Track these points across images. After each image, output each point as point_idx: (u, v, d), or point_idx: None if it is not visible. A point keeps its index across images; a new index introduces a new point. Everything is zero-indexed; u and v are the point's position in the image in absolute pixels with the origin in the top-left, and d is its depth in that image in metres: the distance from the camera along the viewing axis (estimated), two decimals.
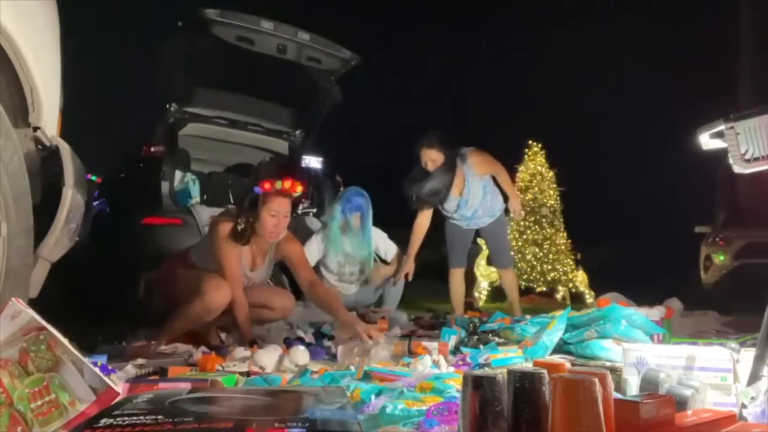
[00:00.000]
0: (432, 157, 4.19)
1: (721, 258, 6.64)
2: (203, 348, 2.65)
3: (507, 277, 4.58)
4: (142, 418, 1.06)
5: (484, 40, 18.54)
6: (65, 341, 1.27)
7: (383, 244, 4.51)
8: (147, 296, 3.16)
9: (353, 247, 4.29)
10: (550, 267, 8.26)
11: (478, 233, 4.58)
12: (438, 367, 2.20)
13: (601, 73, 14.25)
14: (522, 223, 8.67)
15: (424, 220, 4.40)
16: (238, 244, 2.93)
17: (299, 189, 3.05)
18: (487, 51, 18.13)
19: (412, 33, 19.17)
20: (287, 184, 2.94)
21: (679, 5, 12.98)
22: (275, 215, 2.93)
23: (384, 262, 4.58)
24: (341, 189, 5.36)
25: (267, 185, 2.92)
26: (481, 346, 2.64)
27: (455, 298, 4.48)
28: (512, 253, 4.69)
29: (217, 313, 2.87)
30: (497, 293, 8.18)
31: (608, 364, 2.22)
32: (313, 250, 4.30)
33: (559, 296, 8.22)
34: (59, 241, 1.77)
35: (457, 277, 4.51)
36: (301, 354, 2.37)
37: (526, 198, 8.88)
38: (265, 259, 3.13)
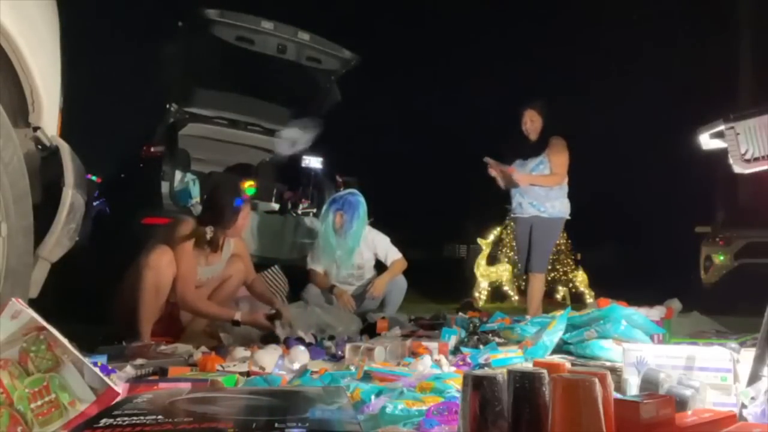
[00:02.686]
0: (532, 118, 4.41)
1: (721, 258, 6.65)
2: (203, 348, 2.65)
3: (534, 283, 4.49)
4: (142, 418, 1.06)
5: (485, 40, 18.54)
6: (65, 341, 1.27)
7: (383, 248, 4.40)
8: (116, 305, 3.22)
9: (339, 247, 4.23)
10: (550, 267, 8.25)
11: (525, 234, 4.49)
12: (439, 367, 2.20)
13: (600, 73, 14.26)
14: None
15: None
16: (209, 250, 3.22)
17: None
18: (487, 51, 18.14)
19: (413, 33, 19.18)
20: (254, 188, 3.23)
21: (680, 5, 12.99)
22: (244, 220, 3.34)
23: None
24: (341, 189, 5.36)
25: (246, 196, 3.33)
26: (481, 346, 2.64)
27: (532, 300, 4.48)
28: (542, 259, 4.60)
29: (167, 276, 3.03)
30: (497, 293, 8.20)
31: (608, 364, 2.22)
32: (318, 255, 4.30)
33: (559, 296, 8.22)
34: (59, 241, 1.77)
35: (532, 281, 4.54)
36: (301, 354, 2.37)
37: None
38: (221, 255, 3.34)
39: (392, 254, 4.41)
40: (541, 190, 4.38)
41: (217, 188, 3.43)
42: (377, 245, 4.39)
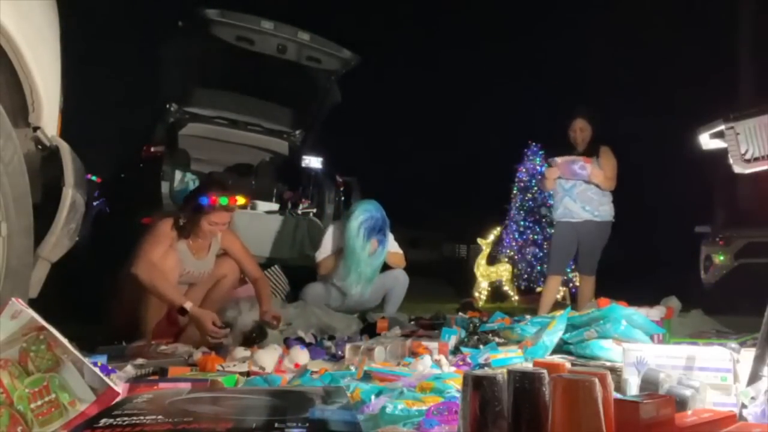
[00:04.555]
0: (581, 126, 4.47)
1: (721, 258, 6.63)
2: (203, 348, 2.66)
3: (585, 284, 4.67)
4: (142, 418, 1.06)
5: (485, 40, 18.55)
6: (65, 341, 1.27)
7: (389, 245, 4.45)
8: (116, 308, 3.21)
9: (365, 266, 4.17)
10: None
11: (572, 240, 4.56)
12: (439, 367, 2.20)
13: (600, 73, 14.26)
14: (522, 223, 8.66)
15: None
16: (180, 237, 3.13)
17: (242, 202, 3.32)
18: (487, 51, 18.14)
19: (414, 32, 19.18)
20: (231, 201, 3.14)
21: (679, 5, 12.98)
22: (214, 226, 3.14)
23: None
24: (341, 189, 5.36)
25: (213, 199, 3.09)
26: (481, 346, 2.64)
27: (544, 301, 4.60)
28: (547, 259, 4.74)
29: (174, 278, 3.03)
30: (497, 293, 8.19)
31: (608, 364, 2.22)
32: (327, 245, 4.28)
33: (559, 296, 8.22)
34: (59, 241, 1.77)
35: (551, 283, 4.68)
36: (301, 354, 2.37)
37: (526, 198, 8.88)
38: (209, 250, 3.28)
39: (394, 249, 4.43)
40: (595, 195, 4.45)
41: (204, 183, 3.39)
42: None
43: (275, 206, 5.24)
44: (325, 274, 4.23)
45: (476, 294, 7.68)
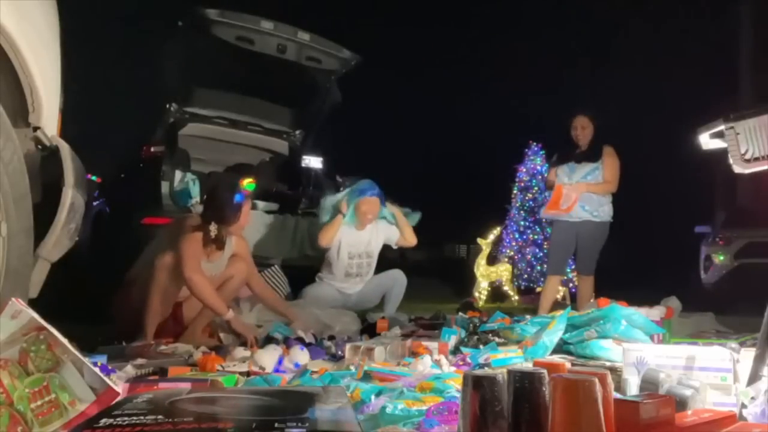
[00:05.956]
0: (582, 124, 4.49)
1: (721, 258, 6.63)
2: (203, 348, 2.66)
3: (584, 284, 4.69)
4: (142, 418, 1.06)
5: (485, 39, 18.55)
6: (65, 341, 1.27)
7: (394, 232, 4.46)
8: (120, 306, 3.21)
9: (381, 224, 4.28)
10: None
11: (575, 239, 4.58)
12: (439, 367, 2.20)
13: (600, 73, 14.26)
14: (522, 223, 8.66)
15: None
16: (214, 247, 3.19)
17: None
18: (486, 50, 18.15)
19: (414, 33, 19.20)
20: (253, 184, 3.17)
21: (679, 5, 12.99)
22: (246, 213, 3.30)
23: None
24: (341, 189, 5.36)
25: (247, 192, 3.27)
26: (481, 346, 2.65)
27: (544, 300, 4.64)
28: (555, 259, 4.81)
29: (180, 279, 3.02)
30: (497, 293, 8.19)
31: (608, 364, 2.22)
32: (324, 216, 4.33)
33: (559, 296, 8.22)
34: (59, 241, 1.77)
35: (551, 283, 4.71)
36: (301, 354, 2.37)
37: (526, 198, 8.88)
38: (223, 251, 3.30)
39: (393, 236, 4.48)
40: (595, 195, 4.47)
41: (217, 186, 3.41)
42: (390, 234, 4.42)
43: (275, 206, 5.25)
44: (328, 245, 4.21)
45: (476, 294, 7.67)
